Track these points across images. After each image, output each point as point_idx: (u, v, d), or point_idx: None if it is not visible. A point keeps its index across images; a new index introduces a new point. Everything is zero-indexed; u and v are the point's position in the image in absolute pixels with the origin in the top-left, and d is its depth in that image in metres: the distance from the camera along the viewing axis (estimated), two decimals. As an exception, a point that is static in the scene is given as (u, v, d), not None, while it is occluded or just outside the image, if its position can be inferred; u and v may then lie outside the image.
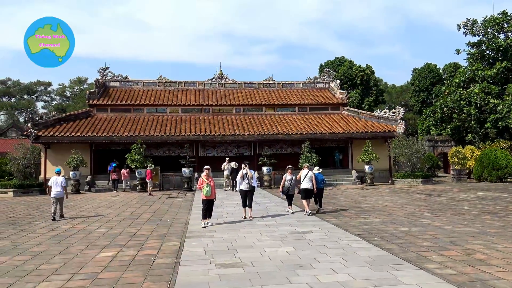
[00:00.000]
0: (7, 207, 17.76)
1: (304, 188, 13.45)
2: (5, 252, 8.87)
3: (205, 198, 11.59)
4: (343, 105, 31.74)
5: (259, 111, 30.73)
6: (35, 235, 10.89)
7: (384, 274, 6.54)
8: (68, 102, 71.98)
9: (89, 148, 26.40)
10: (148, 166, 22.61)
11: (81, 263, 7.83)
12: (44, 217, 14.20)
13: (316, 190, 13.63)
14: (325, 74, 35.27)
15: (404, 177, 26.27)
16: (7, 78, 70.85)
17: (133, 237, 10.24)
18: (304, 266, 7.15)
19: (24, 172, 24.58)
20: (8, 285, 6.53)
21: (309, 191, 13.48)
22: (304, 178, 13.51)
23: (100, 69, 31.75)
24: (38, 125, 25.56)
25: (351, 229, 10.68)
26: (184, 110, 30.05)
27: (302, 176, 13.61)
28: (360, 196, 19.38)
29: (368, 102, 49.73)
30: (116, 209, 16.21)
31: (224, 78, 33.79)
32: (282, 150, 28.37)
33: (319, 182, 13.85)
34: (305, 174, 13.56)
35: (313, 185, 13.43)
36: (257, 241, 9.35)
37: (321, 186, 13.99)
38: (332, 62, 54.33)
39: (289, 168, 13.78)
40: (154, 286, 6.30)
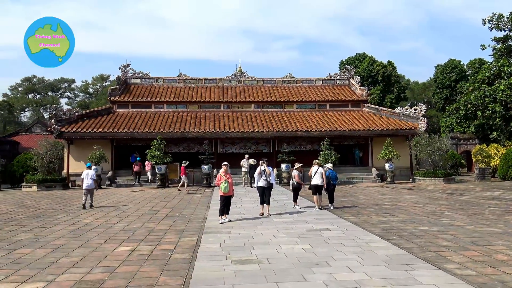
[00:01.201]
0: (31, 201, 18.21)
1: (314, 184, 13.83)
2: (28, 245, 9.10)
3: (223, 195, 11.63)
4: (363, 102, 31.36)
5: (278, 107, 30.65)
6: (56, 228, 11.14)
7: (402, 274, 6.44)
8: (91, 98, 73.24)
9: (110, 144, 26.82)
10: (183, 163, 22.86)
11: (100, 256, 7.97)
12: (66, 211, 14.51)
13: (331, 186, 14.02)
14: (345, 71, 34.90)
15: (426, 175, 25.81)
16: (32, 75, 72.52)
17: (152, 232, 10.36)
18: (320, 263, 7.10)
19: (48, 167, 25.13)
20: (30, 277, 6.69)
21: (319, 187, 13.83)
22: (315, 175, 13.87)
23: (121, 66, 32.21)
24: (61, 121, 26.11)
25: (369, 227, 10.56)
26: (203, 106, 30.21)
27: (313, 172, 13.96)
28: (379, 194, 19.14)
29: (390, 99, 48.99)
30: (136, 204, 16.44)
31: (243, 74, 33.82)
32: (301, 147, 28.24)
33: (333, 179, 14.16)
34: (315, 171, 13.91)
35: (323, 181, 13.75)
36: (273, 238, 9.33)
37: (335, 182, 14.30)
38: (353, 59, 53.71)
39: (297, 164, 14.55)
40: (170, 281, 6.36)
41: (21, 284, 6.30)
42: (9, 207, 15.99)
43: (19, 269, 7.13)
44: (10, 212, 14.51)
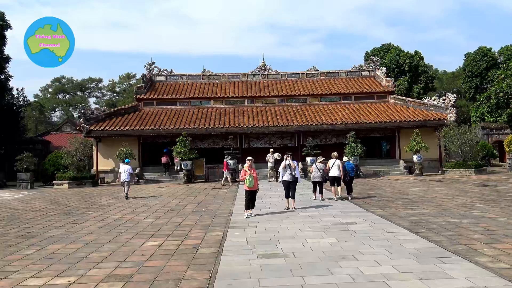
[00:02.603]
0: (62, 198, 18.74)
1: (332, 176, 14.55)
2: (60, 240, 9.36)
3: (247, 189, 11.64)
4: (389, 93, 30.79)
5: (302, 101, 30.46)
6: (86, 224, 11.42)
7: (431, 267, 6.28)
8: (118, 97, 74.66)
9: (137, 141, 27.28)
10: (225, 157, 23.14)
11: (129, 251, 8.11)
12: (96, 208, 14.86)
13: (348, 178, 14.70)
14: (371, 62, 34.34)
15: (456, 167, 25.16)
16: (61, 76, 74.50)
17: (178, 227, 10.48)
18: (346, 257, 7.02)
19: (77, 165, 25.78)
20: (61, 272, 6.87)
21: (337, 178, 14.56)
22: (332, 167, 14.58)
23: (146, 65, 32.67)
24: (89, 120, 26.72)
25: (397, 220, 10.37)
26: (227, 102, 30.34)
27: (330, 165, 14.68)
28: (407, 186, 18.77)
29: (417, 90, 47.93)
30: (162, 199, 16.68)
31: (267, 69, 33.75)
32: (326, 141, 27.98)
33: (350, 171, 14.86)
34: (333, 163, 14.63)
35: (340, 172, 14.47)
36: (299, 232, 9.29)
37: (352, 174, 14.99)
38: (378, 50, 52.75)
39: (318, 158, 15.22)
40: (197, 275, 6.41)
41: (53, 279, 6.48)
42: (42, 204, 16.50)
43: (51, 264, 7.34)
44: (42, 209, 14.97)
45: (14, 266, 7.34)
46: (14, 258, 7.91)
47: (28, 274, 6.78)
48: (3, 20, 31.44)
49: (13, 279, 6.55)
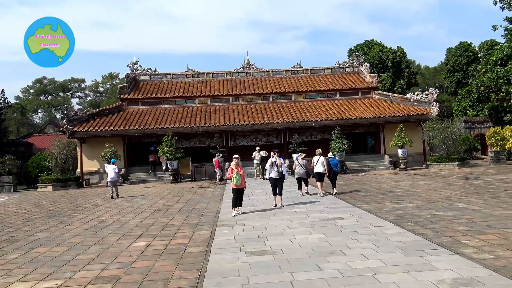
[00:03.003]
0: (47, 200, 18.46)
1: (317, 172, 14.82)
2: (45, 243, 9.22)
3: (235, 187, 11.64)
4: (373, 89, 31.07)
5: (287, 98, 30.52)
6: (72, 226, 11.27)
7: (418, 260, 6.38)
8: (101, 97, 73.78)
9: (122, 142, 27.00)
10: (216, 155, 22.99)
11: (116, 252, 8.04)
12: (81, 209, 14.68)
13: (332, 173, 14.90)
14: (354, 58, 34.60)
15: (439, 160, 25.53)
16: (43, 76, 73.12)
17: (166, 227, 10.43)
18: (334, 252, 7.07)
19: (61, 166, 25.41)
20: (47, 275, 6.78)
21: (321, 175, 14.81)
22: (317, 163, 14.82)
23: (130, 64, 32.35)
24: (73, 121, 26.36)
25: (384, 214, 10.48)
26: (213, 100, 30.24)
27: (315, 161, 14.91)
28: (393, 181, 18.99)
29: (400, 85, 48.42)
30: (149, 200, 16.56)
31: (251, 67, 33.72)
32: (312, 137, 28.10)
33: (334, 166, 15.09)
34: (317, 160, 14.89)
35: (325, 169, 14.67)
36: (287, 228, 9.32)
37: (336, 170, 15.23)
38: (361, 46, 53.09)
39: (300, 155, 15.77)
40: (185, 274, 6.39)
41: (39, 282, 6.39)
42: (26, 208, 16.23)
43: (37, 268, 7.24)
44: (27, 212, 14.73)
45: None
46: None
47: (13, 278, 6.67)
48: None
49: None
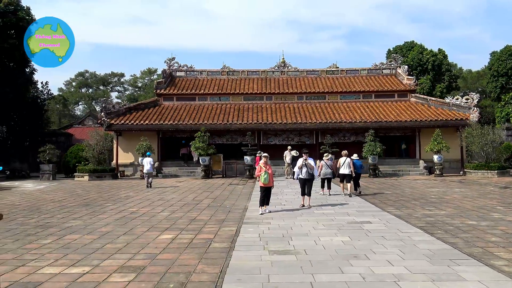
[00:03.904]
0: (82, 190, 19.13)
1: (343, 173, 15.23)
2: (77, 231, 9.57)
3: (262, 186, 11.67)
4: (411, 92, 30.30)
5: (321, 98, 30.25)
6: (104, 216, 11.64)
7: (444, 269, 6.18)
8: (139, 92, 75.55)
9: (156, 136, 27.61)
10: (258, 153, 23.12)
11: (143, 244, 8.23)
12: (114, 200, 15.12)
13: (355, 174, 15.43)
14: (392, 60, 33.84)
15: (477, 168, 24.62)
16: (85, 70, 75.79)
17: (193, 221, 10.58)
18: (358, 256, 6.97)
19: (98, 158, 26.25)
20: (77, 261, 7.04)
21: (347, 176, 15.19)
22: (343, 164, 15.23)
23: (167, 60, 32.96)
24: (110, 114, 27.15)
25: (413, 220, 10.23)
26: (246, 98, 30.37)
27: (341, 162, 15.32)
28: (426, 187, 18.48)
29: (440, 89, 46.95)
30: (179, 194, 16.85)
31: (286, 66, 33.63)
32: (345, 139, 27.75)
33: (358, 168, 15.66)
34: (343, 161, 15.27)
35: (351, 170, 15.08)
36: (312, 229, 9.26)
37: (359, 171, 15.84)
38: (400, 47, 51.83)
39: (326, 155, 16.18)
40: (208, 269, 6.47)
41: (68, 268, 6.64)
42: (62, 196, 16.88)
43: (67, 254, 7.52)
44: (62, 200, 15.32)
45: (32, 254, 7.54)
46: (32, 247, 8.13)
47: (45, 262, 6.96)
48: (29, 14, 32.10)
49: (30, 267, 6.74)
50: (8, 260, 7.18)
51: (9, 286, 5.83)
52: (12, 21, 29.82)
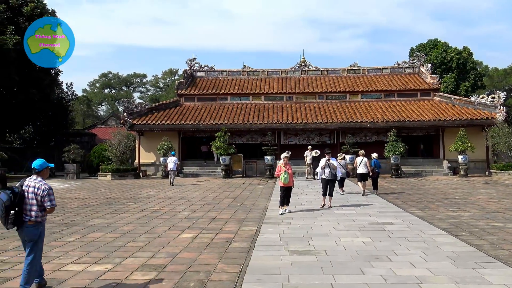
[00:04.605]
0: (105, 189, 19.47)
1: (360, 173, 15.51)
2: (100, 229, 9.73)
3: (283, 185, 11.63)
4: (434, 90, 29.74)
5: (342, 98, 29.98)
6: (126, 215, 11.81)
7: (469, 272, 6.04)
8: (161, 92, 76.46)
9: (177, 136, 27.89)
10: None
11: (164, 242, 8.31)
12: (136, 199, 15.33)
13: (375, 174, 15.59)
14: (415, 58, 33.29)
15: (504, 168, 23.96)
16: (108, 71, 77.26)
17: (213, 221, 10.63)
18: (380, 257, 6.87)
19: (121, 157, 26.70)
20: (99, 259, 7.15)
21: (364, 175, 15.45)
22: (360, 164, 15.49)
23: (187, 60, 33.25)
24: (132, 114, 27.55)
25: (437, 222, 10.02)
26: (267, 98, 30.36)
27: (358, 162, 15.61)
28: (450, 188, 18.10)
29: (465, 87, 45.93)
30: (200, 193, 16.96)
31: (307, 65, 33.47)
32: (367, 138, 27.46)
33: (377, 167, 15.78)
34: (360, 161, 15.55)
35: (368, 169, 15.32)
36: (333, 230, 9.18)
37: (378, 170, 15.94)
38: (424, 45, 50.90)
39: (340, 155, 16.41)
40: (227, 268, 6.48)
41: (91, 265, 6.75)
42: (86, 194, 17.22)
43: (90, 251, 7.65)
44: (86, 199, 15.62)
45: (56, 252, 7.71)
46: (57, 244, 8.31)
47: (69, 260, 7.10)
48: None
49: (55, 264, 6.88)
50: (33, 257, 7.34)
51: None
52: (38, 24, 30.55)
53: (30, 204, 5.36)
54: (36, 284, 5.59)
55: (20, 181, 5.53)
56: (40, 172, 5.57)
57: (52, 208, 5.46)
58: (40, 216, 5.41)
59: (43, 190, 5.37)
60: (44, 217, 5.53)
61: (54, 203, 5.50)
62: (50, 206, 5.42)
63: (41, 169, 5.58)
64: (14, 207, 5.22)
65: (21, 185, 5.43)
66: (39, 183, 5.43)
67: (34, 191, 5.37)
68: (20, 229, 5.38)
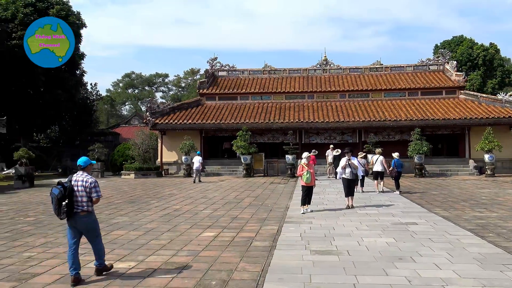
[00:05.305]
0: (128, 187, 19.77)
1: (375, 170, 15.83)
2: (123, 227, 9.88)
3: (304, 185, 11.55)
4: (460, 88, 29.07)
5: (365, 96, 29.62)
6: (149, 213, 11.96)
7: (496, 274, 5.87)
8: (183, 92, 77.22)
9: (199, 135, 28.08)
10: (312, 151, 22.81)
11: (186, 240, 8.38)
12: (158, 198, 15.51)
13: (396, 173, 15.64)
14: (440, 55, 32.59)
15: (533, 168, 23.24)
16: (131, 71, 78.52)
17: (234, 220, 10.66)
18: (404, 258, 6.75)
19: (143, 156, 27.08)
20: (123, 256, 7.27)
21: (380, 173, 15.73)
22: (376, 162, 15.76)
23: (209, 60, 33.42)
24: (155, 113, 27.88)
25: (462, 222, 9.80)
26: (288, 97, 30.26)
27: (374, 160, 15.95)
28: (477, 188, 17.67)
29: (492, 85, 44.84)
30: (221, 192, 17.04)
31: (328, 63, 33.19)
32: (389, 137, 27.06)
33: (398, 167, 15.75)
34: (376, 159, 15.87)
35: (383, 167, 15.59)
36: (355, 230, 9.08)
37: (399, 170, 15.86)
38: (449, 42, 49.92)
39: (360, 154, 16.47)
40: (249, 267, 6.49)
41: (114, 263, 6.85)
42: (110, 193, 17.52)
43: (114, 249, 7.78)
44: (110, 197, 15.89)
45: (82, 249, 7.76)
46: (81, 241, 8.42)
47: (93, 257, 7.20)
48: (79, 19, 33.61)
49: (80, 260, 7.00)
50: (59, 253, 7.53)
51: (60, 278, 6.11)
52: (63, 25, 31.25)
53: (80, 196, 6.07)
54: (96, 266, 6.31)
55: (68, 177, 6.22)
56: (85, 168, 6.29)
57: (98, 198, 6.22)
58: (90, 206, 6.15)
59: (91, 183, 6.11)
60: (92, 206, 6.22)
61: (100, 194, 6.26)
62: (97, 197, 6.17)
63: (85, 165, 6.31)
64: (65, 199, 5.93)
65: (70, 180, 6.11)
66: (86, 177, 6.16)
67: (83, 185, 6.08)
68: (73, 219, 6.07)
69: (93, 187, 6.11)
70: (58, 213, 5.98)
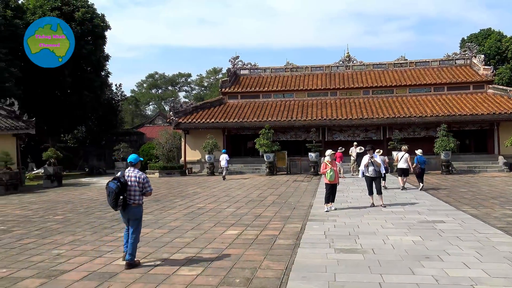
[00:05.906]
0: (153, 186, 19.63)
1: (400, 167, 15.94)
2: (148, 225, 10.01)
3: (328, 183, 11.45)
4: (488, 82, 28.27)
5: (389, 93, 29.15)
6: (173, 211, 12.09)
7: (529, 274, 5.68)
8: (205, 91, 77.70)
9: (222, 133, 28.21)
10: (339, 149, 22.48)
11: (210, 238, 8.43)
12: (182, 196, 15.67)
13: (419, 170, 15.58)
14: (466, 49, 31.76)
15: None
16: (155, 72, 79.50)
17: (258, 218, 10.66)
18: (431, 257, 6.61)
19: (167, 155, 27.41)
20: (148, 254, 7.36)
21: (405, 170, 15.80)
22: (401, 159, 15.94)
23: (231, 59, 33.51)
24: (178, 113, 28.16)
25: (492, 220, 9.52)
26: (310, 94, 30.07)
27: (399, 157, 16.10)
28: (506, 185, 17.16)
29: (521, 79, 43.35)
30: (245, 190, 17.08)
31: (351, 60, 32.81)
32: (415, 134, 26.57)
33: (421, 163, 15.67)
34: (401, 156, 16.01)
35: (408, 165, 15.70)
36: (380, 228, 8.94)
37: (423, 166, 15.79)
38: (476, 36, 48.45)
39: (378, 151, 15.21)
40: (273, 265, 6.47)
41: (140, 260, 6.95)
42: (135, 191, 17.75)
43: (139, 247, 7.81)
44: (135, 196, 16.11)
45: (108, 246, 8.01)
46: (108, 239, 8.64)
47: (120, 254, 7.34)
48: (104, 21, 34.27)
49: (107, 258, 7.16)
50: (87, 251, 7.69)
51: (88, 275, 6.23)
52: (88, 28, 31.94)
53: (134, 190, 6.63)
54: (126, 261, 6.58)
55: (120, 173, 6.75)
56: (135, 165, 6.84)
57: (151, 192, 6.89)
58: (141, 199, 6.75)
59: (143, 179, 6.74)
60: (142, 199, 6.80)
61: (151, 188, 6.90)
62: (150, 190, 6.84)
63: (136, 162, 6.85)
64: (122, 193, 6.47)
65: (123, 176, 6.63)
66: (138, 173, 6.75)
67: (136, 180, 6.66)
68: (126, 210, 6.61)
69: (146, 182, 6.73)
70: (115, 205, 6.47)
